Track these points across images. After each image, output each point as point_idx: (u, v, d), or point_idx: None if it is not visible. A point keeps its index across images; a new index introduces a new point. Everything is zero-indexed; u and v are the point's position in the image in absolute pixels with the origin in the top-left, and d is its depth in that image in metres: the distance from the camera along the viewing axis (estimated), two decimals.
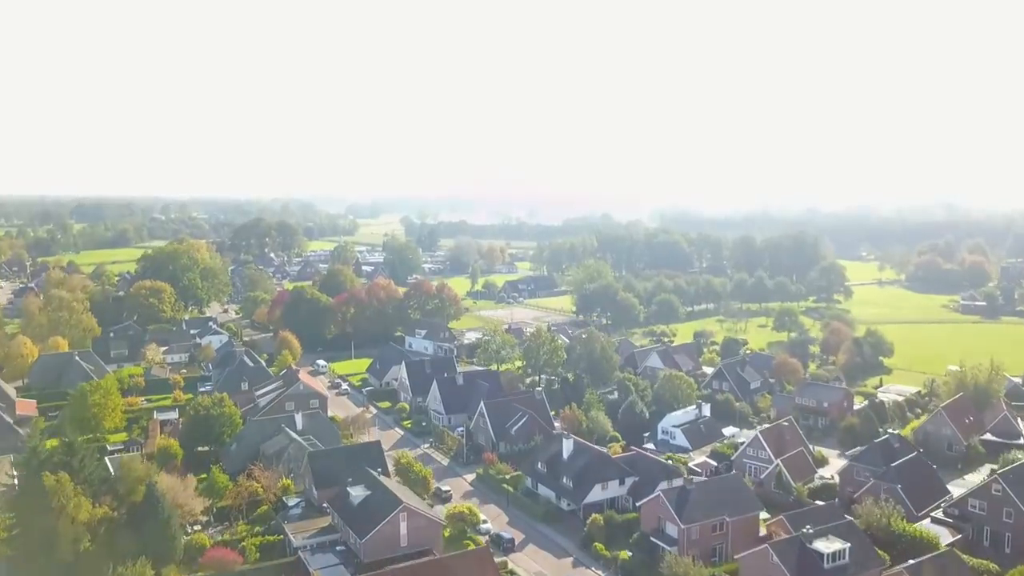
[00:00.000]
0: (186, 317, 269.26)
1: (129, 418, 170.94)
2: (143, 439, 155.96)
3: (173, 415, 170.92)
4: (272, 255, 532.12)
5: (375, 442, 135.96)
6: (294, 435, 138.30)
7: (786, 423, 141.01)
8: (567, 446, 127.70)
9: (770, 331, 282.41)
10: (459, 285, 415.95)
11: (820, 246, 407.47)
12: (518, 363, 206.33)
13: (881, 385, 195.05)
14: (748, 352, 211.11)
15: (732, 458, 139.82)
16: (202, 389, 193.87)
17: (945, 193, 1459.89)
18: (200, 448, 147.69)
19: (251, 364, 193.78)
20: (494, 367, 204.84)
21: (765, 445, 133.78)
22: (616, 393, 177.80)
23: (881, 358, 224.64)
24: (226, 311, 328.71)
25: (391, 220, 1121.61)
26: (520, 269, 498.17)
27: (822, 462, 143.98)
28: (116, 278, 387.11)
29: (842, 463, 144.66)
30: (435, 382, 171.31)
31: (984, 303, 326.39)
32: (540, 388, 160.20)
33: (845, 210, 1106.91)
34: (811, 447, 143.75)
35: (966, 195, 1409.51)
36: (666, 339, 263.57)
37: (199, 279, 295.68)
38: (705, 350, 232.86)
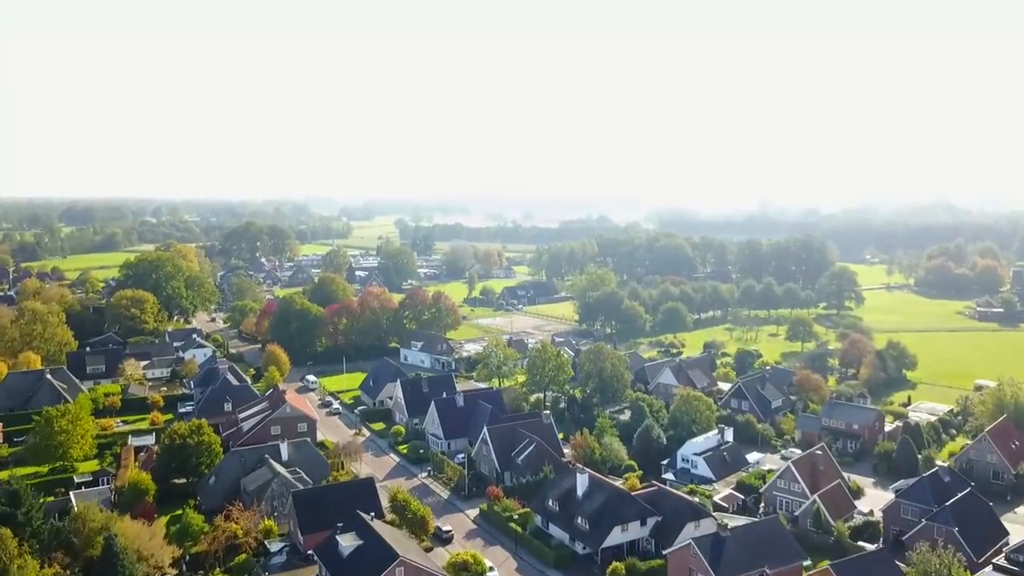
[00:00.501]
0: (169, 329, 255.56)
1: (102, 443, 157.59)
2: (115, 469, 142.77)
3: (150, 440, 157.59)
4: (263, 260, 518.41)
5: (367, 479, 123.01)
6: (278, 468, 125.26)
7: (820, 451, 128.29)
8: (581, 482, 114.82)
9: (782, 341, 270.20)
10: (456, 291, 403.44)
11: (827, 250, 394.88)
12: (520, 378, 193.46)
13: (909, 403, 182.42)
14: (767, 367, 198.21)
15: (761, 490, 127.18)
16: (182, 409, 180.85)
17: (943, 193, 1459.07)
18: (176, 480, 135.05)
19: (235, 383, 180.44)
20: (495, 383, 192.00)
21: (798, 477, 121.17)
22: (627, 412, 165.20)
23: (904, 371, 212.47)
24: (213, 320, 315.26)
25: (385, 222, 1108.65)
26: (518, 274, 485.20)
27: (858, 493, 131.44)
28: (101, 285, 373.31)
29: (879, 493, 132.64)
30: (433, 404, 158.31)
31: (1001, 309, 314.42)
32: (547, 411, 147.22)
33: (843, 211, 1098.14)
34: (847, 477, 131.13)
35: (964, 195, 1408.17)
36: (675, 350, 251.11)
37: (184, 288, 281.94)
38: (718, 364, 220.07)
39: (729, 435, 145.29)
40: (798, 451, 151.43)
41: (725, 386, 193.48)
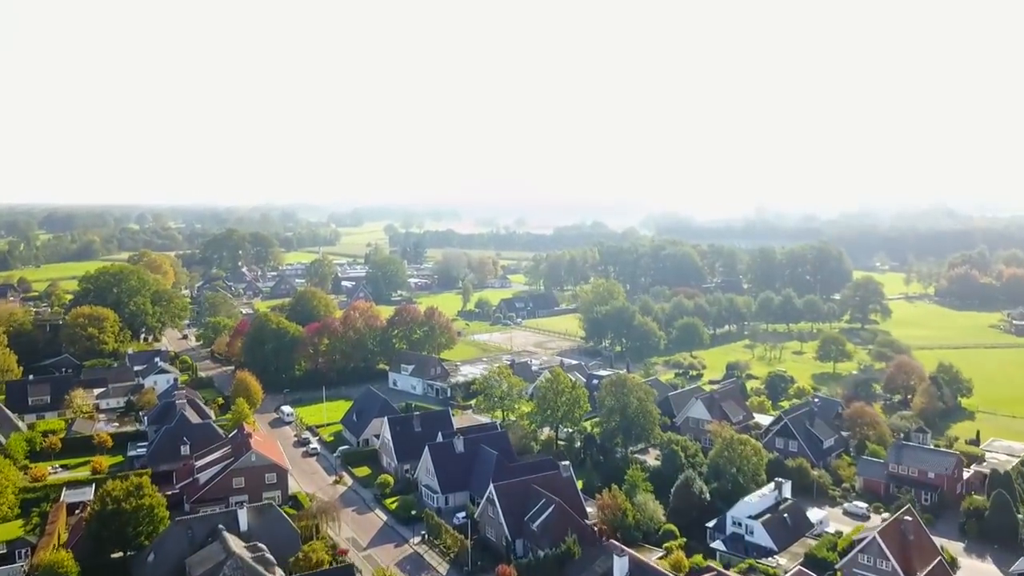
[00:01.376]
0: (130, 351, 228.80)
1: (29, 499, 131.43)
2: (37, 536, 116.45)
3: (87, 494, 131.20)
4: (244, 270, 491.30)
5: (346, 568, 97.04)
6: (234, 544, 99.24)
7: (908, 517, 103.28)
8: (620, 567, 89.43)
9: (810, 359, 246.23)
10: (449, 302, 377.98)
11: (843, 259, 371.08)
12: (526, 407, 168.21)
13: (979, 440, 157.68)
14: (814, 398, 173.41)
15: (836, 567, 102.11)
16: (133, 452, 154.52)
17: (939, 197, 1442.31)
18: (113, 555, 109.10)
19: (195, 420, 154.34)
20: (499, 416, 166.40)
21: (887, 553, 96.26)
22: (653, 452, 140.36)
23: (959, 398, 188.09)
24: (185, 337, 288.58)
25: (375, 228, 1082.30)
26: (514, 283, 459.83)
27: (952, 565, 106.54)
28: (69, 297, 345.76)
29: (979, 566, 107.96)
30: (427, 450, 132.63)
31: None
32: (566, 463, 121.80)
33: (842, 216, 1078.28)
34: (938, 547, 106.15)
35: (959, 199, 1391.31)
36: (694, 372, 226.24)
37: (149, 304, 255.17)
38: (749, 390, 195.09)
39: (787, 490, 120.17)
40: (863, 505, 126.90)
41: (762, 419, 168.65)
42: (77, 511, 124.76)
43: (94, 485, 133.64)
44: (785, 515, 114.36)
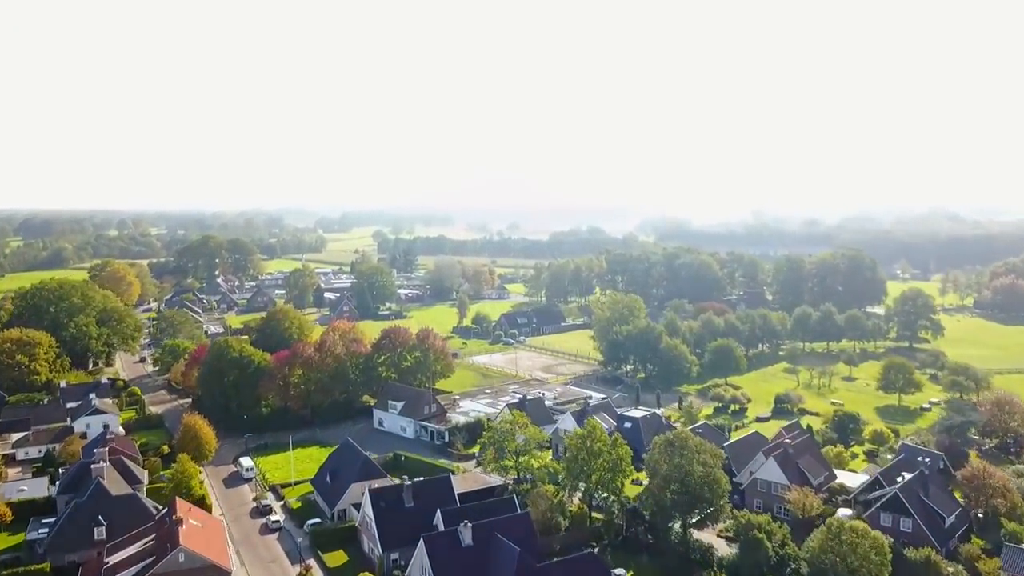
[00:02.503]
0: (63, 383, 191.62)
1: None
2: None
3: None
4: (220, 280, 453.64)
5: None
6: None
7: None
8: None
9: (863, 386, 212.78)
10: (442, 317, 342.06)
11: (877, 268, 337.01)
12: (543, 458, 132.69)
13: None
14: (899, 448, 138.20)
15: None
16: (33, 535, 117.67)
17: (938, 202, 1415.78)
18: None
19: (117, 490, 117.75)
20: (512, 472, 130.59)
21: None
22: (715, 523, 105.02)
23: None
24: (143, 361, 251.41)
25: (363, 234, 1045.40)
26: (512, 294, 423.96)
27: None
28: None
29: None
30: (423, 544, 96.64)
31: None
32: (621, 572, 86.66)
33: (843, 221, 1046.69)
34: None
35: (957, 203, 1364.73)
36: (736, 406, 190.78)
37: (94, 325, 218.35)
38: (817, 436, 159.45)
39: None
40: None
41: (847, 478, 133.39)
42: None
43: None
44: None
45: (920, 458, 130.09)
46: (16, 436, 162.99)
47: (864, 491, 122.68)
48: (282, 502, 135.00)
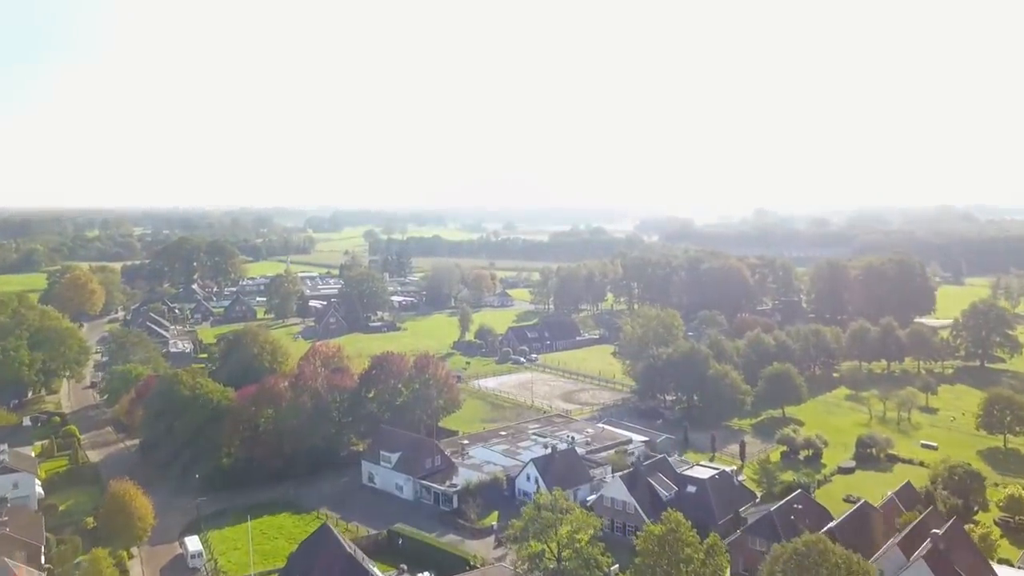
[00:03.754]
0: None
1: None
2: None
3: None
4: (195, 286, 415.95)
5: None
6: None
7: None
8: None
9: (947, 420, 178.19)
10: (441, 329, 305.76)
11: (927, 274, 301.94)
12: (597, 554, 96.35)
13: None
14: None
15: None
16: None
17: (941, 199, 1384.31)
18: None
19: None
20: (547, 557, 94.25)
21: None
22: None
23: None
24: (93, 387, 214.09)
25: (354, 234, 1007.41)
26: (516, 300, 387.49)
27: None
28: None
29: None
30: None
31: None
32: None
33: (851, 220, 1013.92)
34: None
35: (960, 201, 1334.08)
36: (807, 452, 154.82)
37: (26, 349, 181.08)
38: (920, 490, 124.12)
39: None
40: None
41: None
42: None
43: None
44: None
45: None
46: None
47: None
48: None
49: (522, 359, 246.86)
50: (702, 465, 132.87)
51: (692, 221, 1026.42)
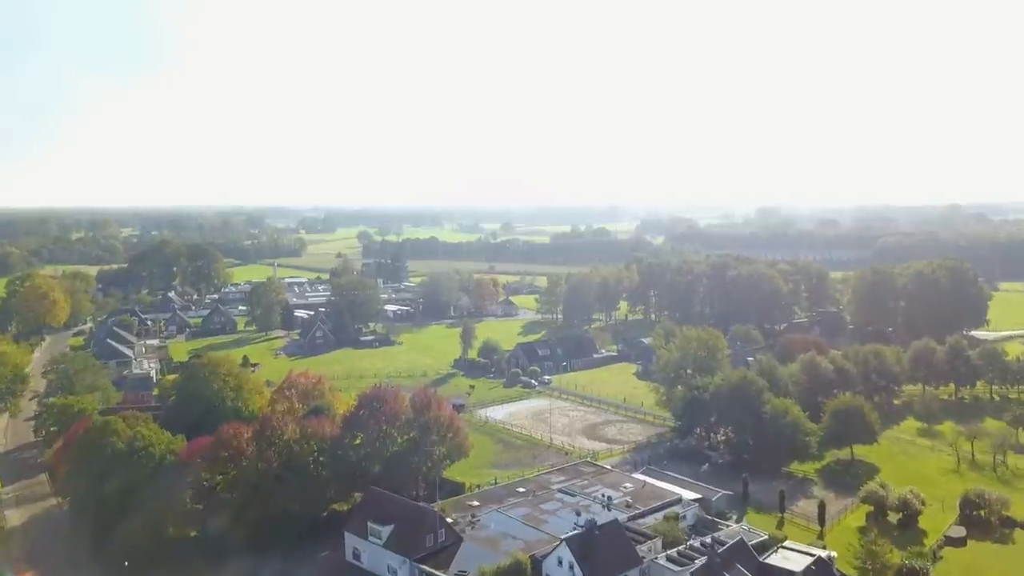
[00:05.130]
0: None
1: None
2: None
3: None
4: (172, 293, 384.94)
5: None
6: None
7: None
8: None
9: None
10: (440, 342, 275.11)
11: (979, 283, 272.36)
12: None
13: None
14: None
15: None
16: None
17: (946, 198, 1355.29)
18: None
19: None
20: None
21: None
22: None
23: None
24: (35, 418, 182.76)
25: (348, 235, 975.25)
26: (521, 309, 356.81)
27: None
28: None
29: None
30: None
31: None
32: None
33: (859, 220, 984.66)
34: None
35: (962, 201, 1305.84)
36: (897, 513, 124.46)
37: None
38: None
39: None
40: None
41: None
42: None
43: None
44: None
45: None
46: None
47: None
48: None
49: (533, 381, 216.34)
50: (789, 548, 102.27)
51: (695, 221, 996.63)
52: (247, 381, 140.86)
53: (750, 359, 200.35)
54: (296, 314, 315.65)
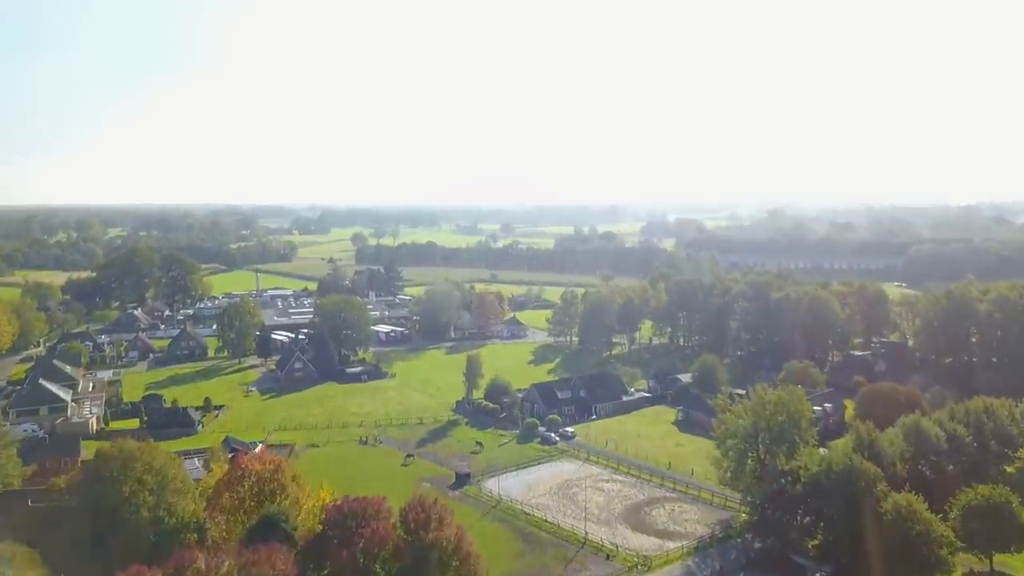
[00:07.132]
0: None
1: None
2: None
3: None
4: (139, 311, 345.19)
5: None
6: None
7: None
8: None
9: None
10: (441, 374, 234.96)
11: None
12: None
13: None
14: None
15: None
16: None
17: (940, 199, 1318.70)
18: None
19: None
20: None
21: None
22: None
23: None
24: None
25: (342, 237, 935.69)
26: (530, 328, 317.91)
27: None
28: None
29: None
30: None
31: None
32: None
33: (870, 222, 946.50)
34: None
35: (963, 200, 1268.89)
36: None
37: None
38: None
39: None
40: None
41: None
42: None
43: None
44: None
45: None
46: None
47: None
48: None
49: (554, 436, 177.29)
50: None
51: (703, 223, 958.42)
52: (173, 479, 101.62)
53: (816, 409, 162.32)
54: (275, 336, 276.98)
